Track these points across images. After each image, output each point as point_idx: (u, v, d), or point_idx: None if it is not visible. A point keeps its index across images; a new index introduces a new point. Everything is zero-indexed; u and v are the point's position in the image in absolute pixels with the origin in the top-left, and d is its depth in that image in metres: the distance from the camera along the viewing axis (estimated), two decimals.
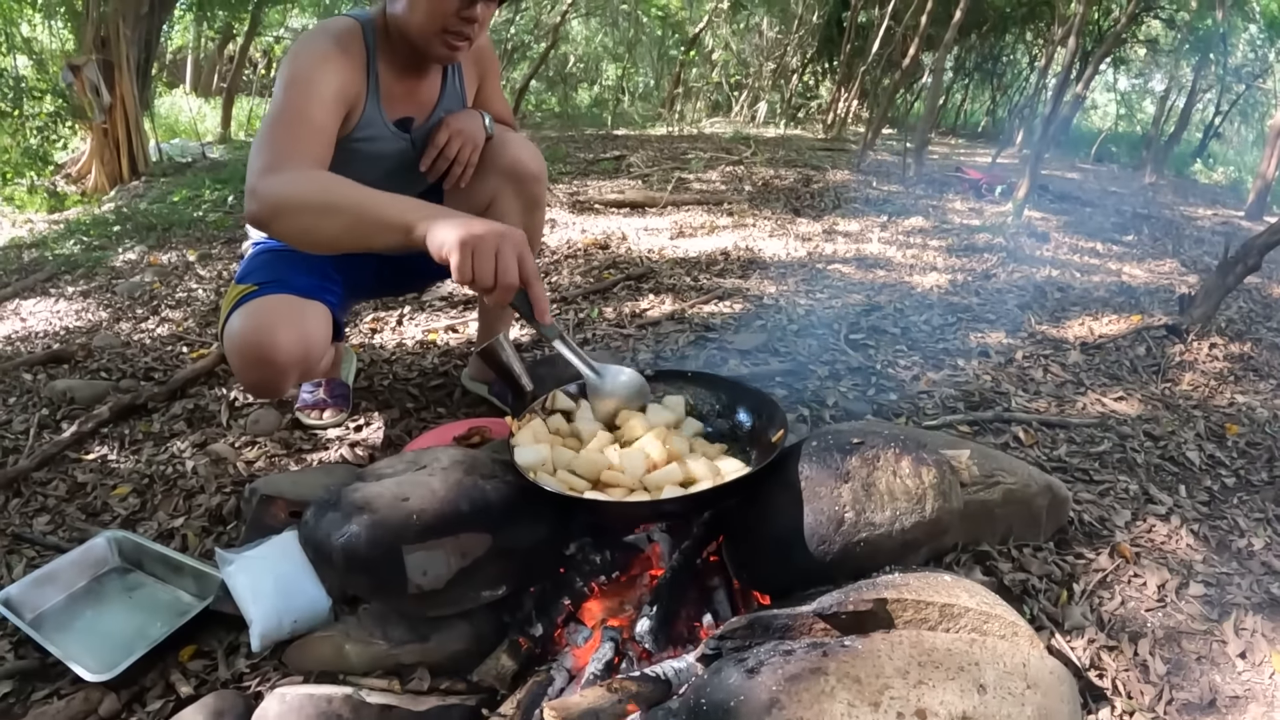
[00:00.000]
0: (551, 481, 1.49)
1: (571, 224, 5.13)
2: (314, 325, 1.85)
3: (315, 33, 1.85)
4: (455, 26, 1.79)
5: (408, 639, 1.48)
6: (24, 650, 1.64)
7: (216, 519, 2.04)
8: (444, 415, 2.52)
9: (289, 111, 1.68)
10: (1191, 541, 1.96)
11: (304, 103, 1.69)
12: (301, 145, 1.62)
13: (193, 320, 3.48)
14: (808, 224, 5.27)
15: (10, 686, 1.54)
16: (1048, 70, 10.86)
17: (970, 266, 4.32)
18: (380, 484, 1.50)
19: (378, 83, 1.93)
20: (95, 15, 7.31)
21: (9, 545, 1.99)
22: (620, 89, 16.55)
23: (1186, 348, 3.15)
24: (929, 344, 3.11)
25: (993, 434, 2.42)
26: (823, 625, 1.25)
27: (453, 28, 1.79)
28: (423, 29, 1.80)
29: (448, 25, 1.78)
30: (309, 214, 1.48)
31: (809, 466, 1.43)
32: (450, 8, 1.76)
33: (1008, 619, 1.27)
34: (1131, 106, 17.20)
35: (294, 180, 1.52)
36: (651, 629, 1.42)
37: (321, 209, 1.46)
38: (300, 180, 1.52)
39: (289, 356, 1.79)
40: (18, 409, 2.69)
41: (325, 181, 1.52)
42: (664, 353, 2.92)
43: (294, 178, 1.52)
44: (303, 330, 1.81)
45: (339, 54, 1.80)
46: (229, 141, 11.01)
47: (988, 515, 1.74)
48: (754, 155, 7.87)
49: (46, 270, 4.42)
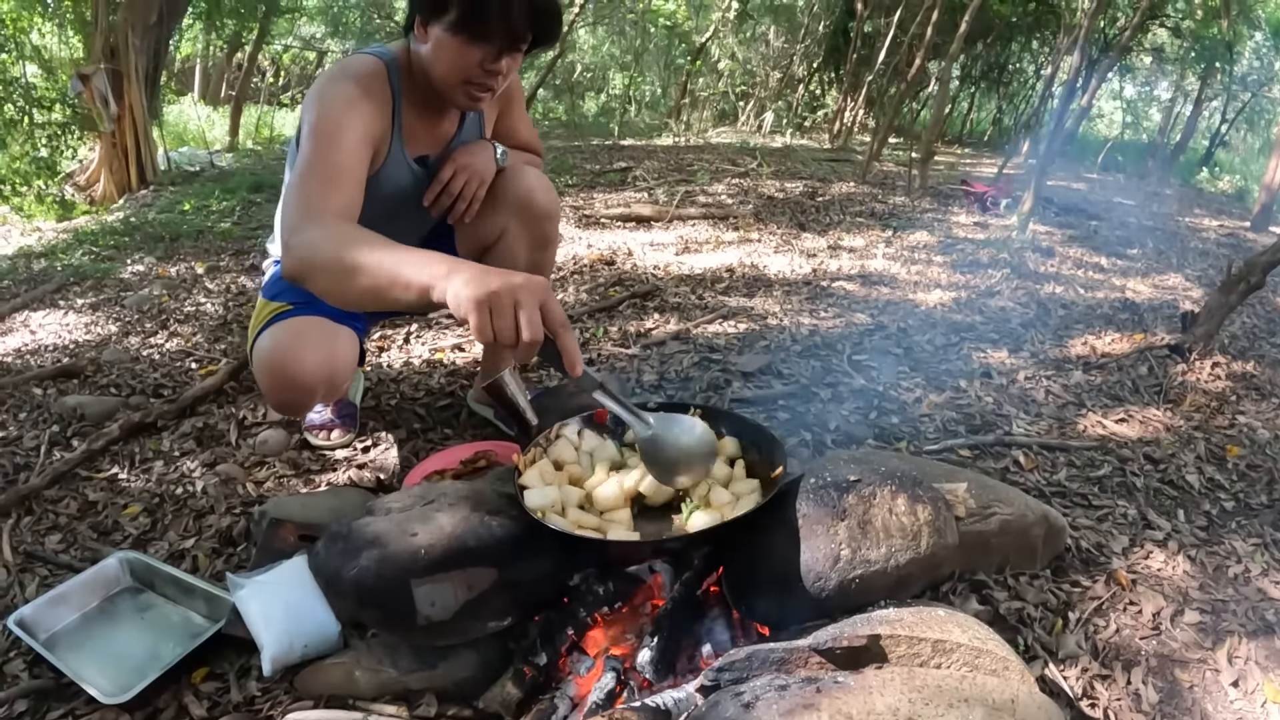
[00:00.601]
0: (558, 520, 1.52)
1: (578, 239, 5.16)
2: (343, 349, 1.91)
3: (339, 75, 1.83)
4: (479, 79, 1.78)
5: (416, 666, 1.52)
6: (38, 670, 1.67)
7: (227, 540, 2.07)
8: (451, 436, 2.55)
9: (318, 162, 1.66)
10: (1188, 568, 1.99)
11: (332, 151, 1.68)
12: (332, 196, 1.61)
13: (201, 335, 3.51)
14: (813, 239, 5.30)
15: (26, 706, 1.58)
16: (1054, 79, 10.88)
17: (974, 283, 4.35)
18: (389, 518, 1.55)
19: (401, 122, 1.93)
20: (104, 25, 7.37)
21: (22, 564, 2.02)
22: (627, 98, 16.61)
23: (1189, 367, 3.17)
24: (932, 364, 3.14)
25: (993, 458, 2.44)
26: (818, 659, 1.28)
27: (476, 79, 1.79)
28: (445, 79, 1.79)
29: (471, 77, 1.78)
30: (336, 274, 1.45)
31: (806, 504, 1.46)
32: (474, 59, 1.75)
33: (999, 654, 1.29)
34: (1138, 114, 17.21)
35: (322, 240, 1.49)
36: (653, 659, 1.45)
37: (348, 270, 1.42)
38: (327, 240, 1.49)
39: (317, 378, 1.85)
40: (28, 425, 2.72)
41: (351, 241, 1.47)
42: (668, 374, 2.96)
43: (322, 236, 1.50)
44: (332, 353, 1.88)
45: (364, 98, 1.79)
46: (237, 150, 11.09)
47: (984, 546, 1.77)
48: (760, 167, 7.90)
49: (55, 281, 4.46)
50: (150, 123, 7.87)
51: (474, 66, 1.75)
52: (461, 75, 1.77)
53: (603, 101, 17.72)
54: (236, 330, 3.56)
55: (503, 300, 1.28)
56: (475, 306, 1.27)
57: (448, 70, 1.77)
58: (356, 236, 1.47)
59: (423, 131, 2.00)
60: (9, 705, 1.57)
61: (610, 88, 18.01)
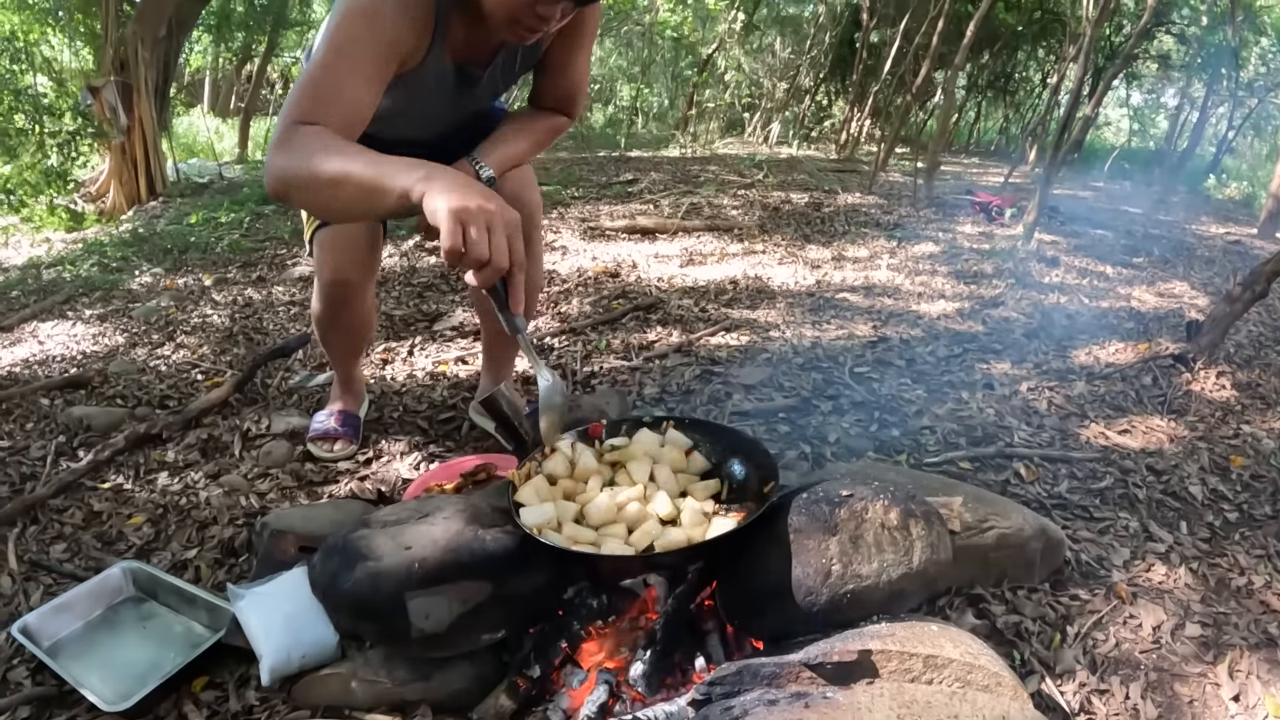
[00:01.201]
0: (552, 536, 1.53)
1: (582, 251, 5.17)
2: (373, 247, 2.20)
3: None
4: (528, 20, 1.62)
5: (411, 678, 1.53)
6: (41, 677, 1.68)
7: (229, 551, 2.08)
8: (453, 449, 2.57)
9: (321, 80, 1.54)
10: (1190, 580, 1.97)
11: (338, 70, 1.54)
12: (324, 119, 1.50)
13: (207, 347, 3.53)
14: (817, 250, 5.30)
15: (28, 712, 1.59)
16: (1060, 87, 10.87)
17: (978, 293, 4.34)
18: (385, 531, 1.56)
19: (445, 30, 1.74)
20: (114, 37, 7.45)
21: (26, 572, 2.04)
22: (634, 109, 16.65)
23: (1193, 377, 3.16)
24: (934, 376, 3.13)
25: (994, 470, 2.43)
26: (809, 674, 1.28)
27: (525, 21, 1.62)
28: (493, 10, 1.63)
29: (520, 16, 1.61)
30: (315, 188, 1.41)
31: (798, 519, 1.46)
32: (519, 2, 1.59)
33: (991, 669, 1.29)
34: (1145, 122, 17.17)
35: (298, 158, 1.43)
36: (645, 672, 1.46)
37: (326, 183, 1.38)
38: (303, 156, 1.42)
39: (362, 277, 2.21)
40: (35, 435, 2.74)
41: (326, 151, 1.41)
42: (670, 387, 2.96)
43: (299, 154, 1.43)
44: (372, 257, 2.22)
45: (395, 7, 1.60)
46: (246, 162, 11.15)
47: (981, 559, 1.77)
48: (766, 178, 7.91)
49: (64, 292, 4.50)
50: (160, 134, 7.92)
51: (524, 7, 1.59)
52: (510, 11, 1.61)
53: (610, 113, 17.76)
54: (243, 342, 3.59)
55: (478, 218, 1.27)
56: (450, 215, 1.26)
57: (495, 4, 1.62)
58: (332, 147, 1.41)
59: (470, 39, 1.81)
60: (11, 712, 1.59)
61: (617, 99, 18.04)
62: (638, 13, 14.79)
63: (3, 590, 1.97)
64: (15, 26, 9.22)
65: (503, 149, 1.96)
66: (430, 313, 3.88)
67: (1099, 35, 8.34)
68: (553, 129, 2.12)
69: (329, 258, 2.15)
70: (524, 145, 2.03)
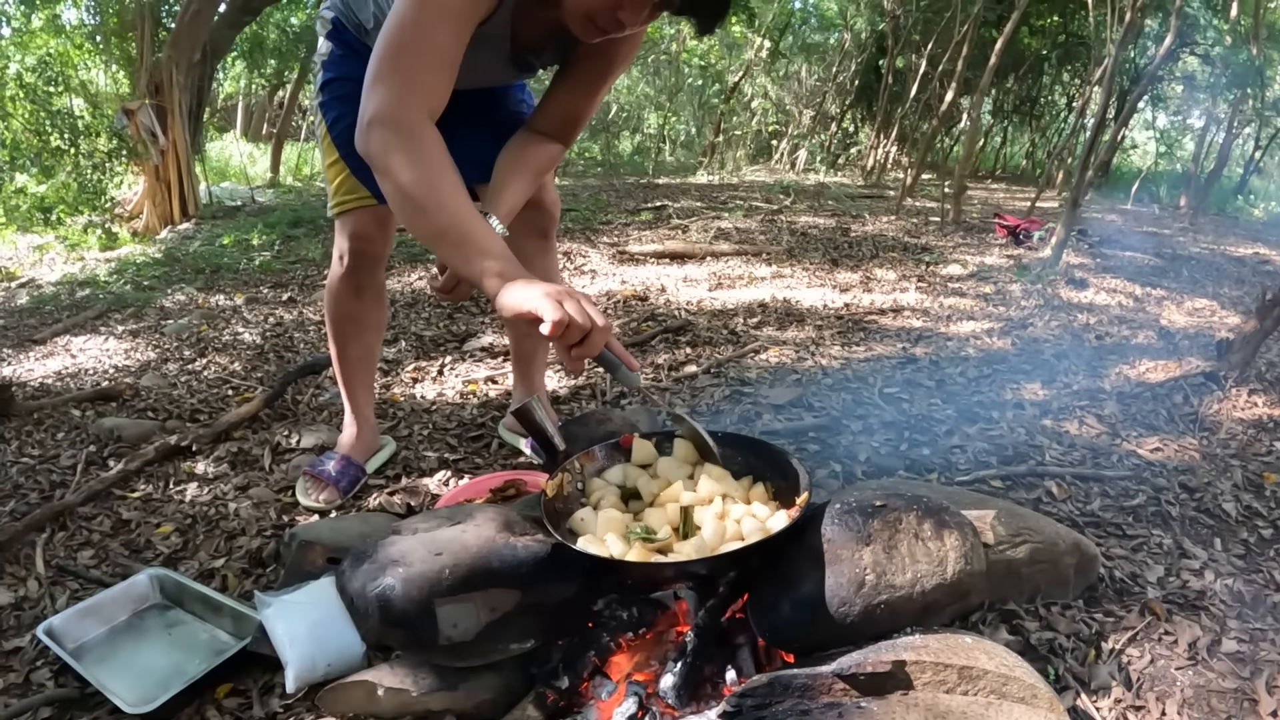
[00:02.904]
0: (586, 542, 1.53)
1: (612, 274, 5.21)
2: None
3: None
4: (603, 21, 1.57)
5: (437, 687, 1.52)
6: (64, 679, 1.71)
7: (256, 561, 2.10)
8: (481, 466, 2.59)
9: (414, 37, 1.50)
10: (1225, 597, 1.95)
11: (431, 25, 1.51)
12: (420, 84, 1.50)
13: (239, 364, 3.58)
14: (845, 274, 5.31)
15: (50, 713, 1.61)
16: (1085, 110, 10.85)
17: (1007, 315, 4.33)
18: (415, 538, 1.56)
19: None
20: (149, 61, 7.62)
21: (53, 576, 2.07)
22: (661, 137, 16.76)
23: (1225, 395, 3.14)
24: (964, 396, 3.13)
25: (1025, 489, 2.42)
26: (842, 686, 1.28)
27: (600, 21, 1.57)
28: (570, 4, 1.58)
29: (596, 15, 1.56)
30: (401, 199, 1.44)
31: (832, 529, 1.47)
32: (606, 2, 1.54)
33: (1027, 681, 1.29)
34: (1171, 144, 17.09)
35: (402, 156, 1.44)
36: (675, 685, 1.45)
37: (415, 208, 1.43)
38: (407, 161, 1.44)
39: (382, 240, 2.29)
40: (66, 444, 2.79)
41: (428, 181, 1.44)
42: (699, 407, 2.97)
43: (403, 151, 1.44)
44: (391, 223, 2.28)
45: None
46: (278, 186, 11.32)
47: (1014, 575, 1.76)
48: (793, 204, 7.93)
49: (97, 308, 4.59)
50: (193, 157, 8.10)
51: (607, 7, 1.54)
52: (589, 8, 1.56)
53: (638, 141, 17.89)
54: (273, 360, 3.64)
55: (566, 296, 1.33)
56: (546, 299, 1.31)
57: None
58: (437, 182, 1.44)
59: (533, 16, 1.76)
60: (33, 712, 1.61)
61: (645, 127, 18.18)
62: (665, 41, 14.91)
63: (29, 593, 2.01)
64: (53, 49, 9.45)
65: (507, 199, 1.93)
66: (460, 333, 3.93)
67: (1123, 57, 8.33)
68: (551, 160, 2.08)
69: (352, 219, 2.21)
70: (524, 185, 2.00)
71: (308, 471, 2.45)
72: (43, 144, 8.28)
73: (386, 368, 3.46)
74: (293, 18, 13.86)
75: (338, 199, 2.20)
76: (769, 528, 1.52)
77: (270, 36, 13.54)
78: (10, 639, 1.84)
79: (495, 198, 1.92)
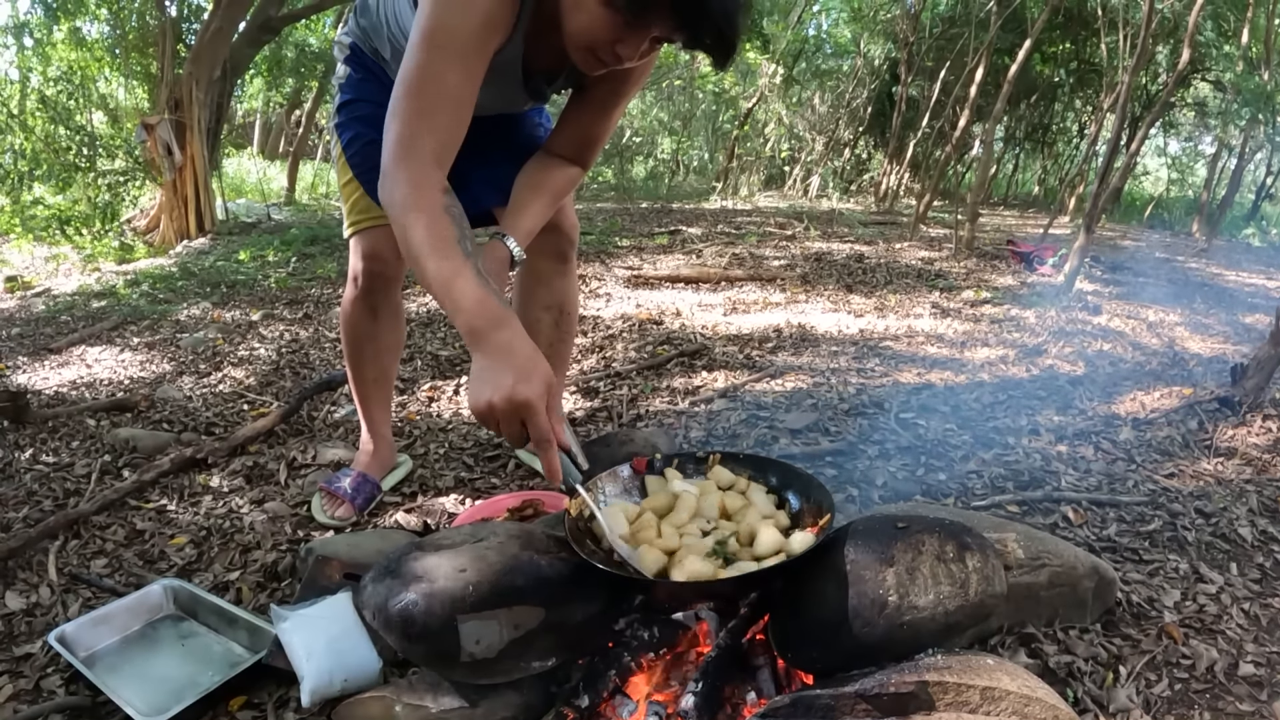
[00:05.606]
0: (624, 550, 1.55)
1: (627, 298, 5.25)
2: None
3: None
4: (603, 54, 1.57)
5: (457, 704, 1.52)
6: (75, 687, 1.71)
7: (271, 575, 2.11)
8: (498, 486, 2.60)
9: (423, 82, 1.52)
10: (1242, 621, 1.97)
11: (440, 69, 1.52)
12: (430, 130, 1.52)
13: (254, 379, 3.61)
14: (860, 299, 5.34)
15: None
16: (1098, 137, 10.88)
17: (1021, 341, 4.35)
18: (439, 554, 1.56)
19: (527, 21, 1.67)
20: (169, 77, 7.73)
21: (66, 584, 2.07)
22: (675, 162, 16.84)
23: (1240, 420, 3.15)
24: (979, 422, 3.14)
25: (1041, 514, 2.44)
26: (864, 706, 1.30)
27: (601, 54, 1.58)
28: (574, 34, 1.57)
29: (597, 48, 1.57)
30: (410, 252, 1.47)
31: (854, 550, 1.49)
32: (604, 36, 1.53)
33: (1049, 702, 1.31)
34: (1183, 170, 17.09)
35: (411, 217, 1.47)
36: (696, 705, 1.45)
37: (417, 262, 1.45)
38: (415, 222, 1.46)
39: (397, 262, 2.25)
40: (80, 453, 2.82)
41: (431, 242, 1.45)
42: (716, 431, 2.99)
43: (413, 213, 1.47)
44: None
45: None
46: (294, 204, 11.40)
47: (1033, 598, 1.78)
48: (807, 230, 7.98)
49: (112, 319, 4.63)
50: (210, 173, 8.18)
51: (603, 42, 1.55)
52: (590, 40, 1.56)
53: (651, 166, 17.97)
54: (289, 375, 3.67)
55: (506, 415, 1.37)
56: (479, 414, 1.38)
57: (577, 30, 1.56)
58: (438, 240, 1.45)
59: (542, 45, 1.74)
60: (43, 719, 1.61)
61: (659, 152, 18.26)
62: (679, 67, 15.01)
63: (41, 600, 2.02)
64: (73, 63, 9.57)
65: (525, 221, 1.93)
66: None
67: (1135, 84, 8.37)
68: (570, 183, 2.06)
69: (367, 239, 2.22)
70: (542, 208, 1.99)
71: (323, 487, 2.46)
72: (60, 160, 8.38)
73: (403, 386, 3.49)
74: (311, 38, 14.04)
75: (353, 219, 2.22)
76: (792, 549, 1.55)
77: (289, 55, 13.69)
78: (21, 645, 1.85)
79: (513, 220, 1.92)
